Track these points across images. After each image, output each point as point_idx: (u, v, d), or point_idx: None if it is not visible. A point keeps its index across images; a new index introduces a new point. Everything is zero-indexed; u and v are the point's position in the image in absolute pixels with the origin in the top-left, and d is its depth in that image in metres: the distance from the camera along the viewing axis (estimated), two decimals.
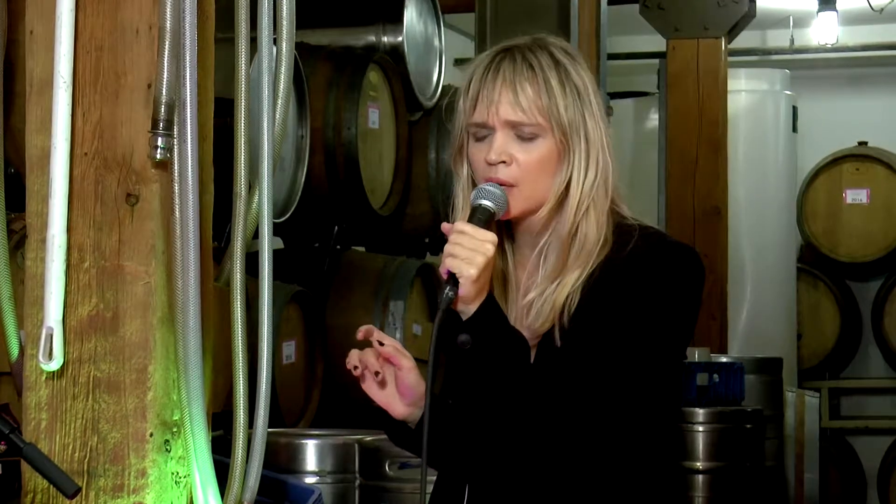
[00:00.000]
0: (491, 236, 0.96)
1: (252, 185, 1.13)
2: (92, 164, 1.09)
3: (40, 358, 1.06)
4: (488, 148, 0.98)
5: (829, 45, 4.01)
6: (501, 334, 0.97)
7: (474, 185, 1.00)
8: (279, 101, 1.14)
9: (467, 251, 0.95)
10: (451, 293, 0.95)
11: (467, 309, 0.96)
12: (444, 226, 0.98)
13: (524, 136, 0.98)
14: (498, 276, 1.00)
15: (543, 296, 0.97)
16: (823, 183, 4.10)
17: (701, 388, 2.27)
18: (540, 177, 0.98)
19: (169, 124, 1.06)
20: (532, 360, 0.98)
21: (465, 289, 0.95)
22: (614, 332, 0.96)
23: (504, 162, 0.98)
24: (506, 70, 0.98)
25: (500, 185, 0.98)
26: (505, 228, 1.01)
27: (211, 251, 1.12)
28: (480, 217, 0.97)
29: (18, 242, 1.30)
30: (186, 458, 1.07)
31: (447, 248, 0.96)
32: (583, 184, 0.98)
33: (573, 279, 0.97)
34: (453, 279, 0.95)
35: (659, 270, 0.97)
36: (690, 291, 0.99)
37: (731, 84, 3.45)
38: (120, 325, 1.07)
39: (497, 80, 0.98)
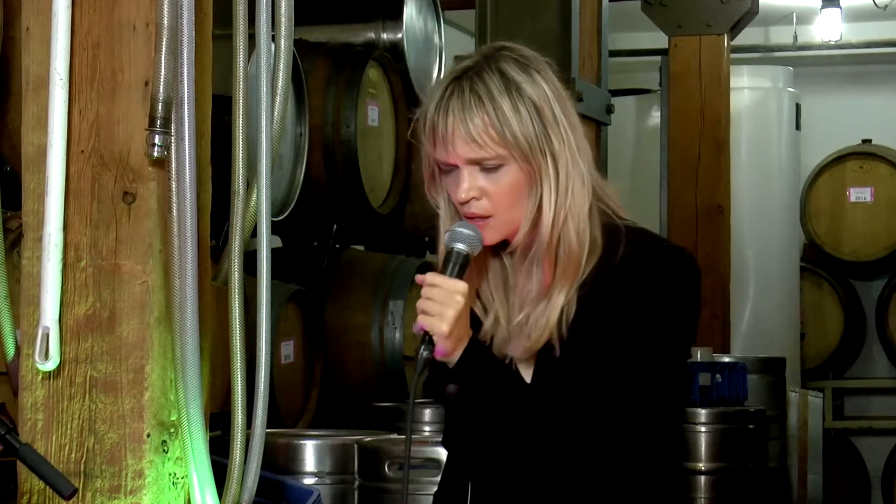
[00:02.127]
0: (461, 286, 0.95)
1: (250, 184, 1.12)
2: (88, 162, 1.08)
3: (36, 358, 1.06)
4: (457, 184, 0.98)
5: (833, 42, 3.99)
6: (489, 377, 0.96)
7: (456, 210, 0.99)
8: (277, 99, 1.13)
9: (438, 306, 0.95)
10: (425, 353, 0.94)
11: (450, 360, 0.96)
12: (418, 278, 0.97)
13: (488, 167, 0.97)
14: (499, 289, 0.99)
15: (535, 312, 0.97)
16: (827, 181, 4.09)
17: (703, 388, 2.26)
18: (514, 204, 0.97)
19: (166, 122, 1.05)
20: (532, 373, 0.97)
21: (440, 344, 0.95)
22: (616, 341, 0.95)
23: (474, 198, 0.97)
24: (454, 105, 0.96)
25: (477, 218, 0.97)
26: (504, 249, 1.00)
27: (209, 250, 1.12)
28: (455, 262, 0.97)
29: (15, 241, 1.29)
30: (184, 459, 1.07)
31: (419, 304, 0.96)
32: (555, 201, 0.96)
33: (564, 293, 0.96)
34: (429, 337, 0.95)
35: (655, 277, 0.96)
36: (688, 295, 0.98)
37: (734, 81, 3.43)
38: (117, 325, 1.06)
39: (448, 118, 0.96)
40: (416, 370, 0.94)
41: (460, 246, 0.97)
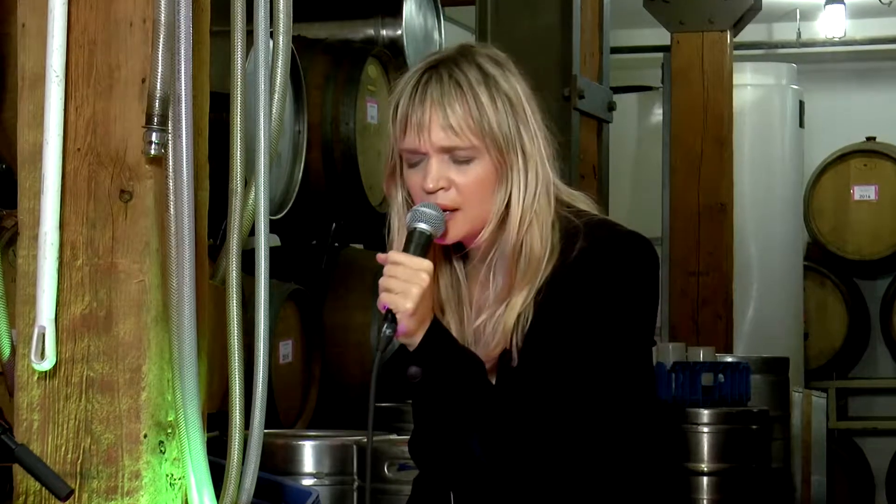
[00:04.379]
0: (426, 264, 0.93)
1: (248, 182, 1.11)
2: (85, 160, 1.07)
3: (32, 357, 1.05)
4: (424, 174, 0.95)
5: (837, 39, 3.98)
6: (452, 360, 0.94)
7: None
8: (276, 96, 1.12)
9: (402, 283, 0.92)
10: (388, 331, 0.92)
11: (412, 341, 0.94)
12: (379, 256, 0.96)
13: (459, 159, 0.95)
14: (452, 295, 0.98)
15: (494, 317, 0.95)
16: (831, 179, 4.08)
17: (706, 389, 2.25)
18: (482, 198, 0.95)
19: (163, 119, 1.04)
20: (494, 383, 0.95)
21: (404, 323, 0.93)
22: (571, 339, 0.93)
23: (443, 188, 0.95)
24: (433, 91, 0.94)
25: (443, 210, 0.95)
26: (454, 246, 0.98)
27: (206, 249, 1.11)
28: (418, 242, 0.94)
29: (11, 239, 1.28)
30: (181, 460, 1.06)
31: (381, 282, 0.94)
32: (523, 199, 0.95)
33: (522, 298, 0.94)
34: (391, 315, 0.93)
35: (606, 266, 0.94)
36: (642, 280, 0.95)
37: (737, 78, 3.43)
38: (113, 324, 1.05)
39: (425, 103, 0.94)
40: (379, 348, 0.92)
41: (423, 226, 0.94)
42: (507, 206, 0.95)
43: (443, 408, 0.95)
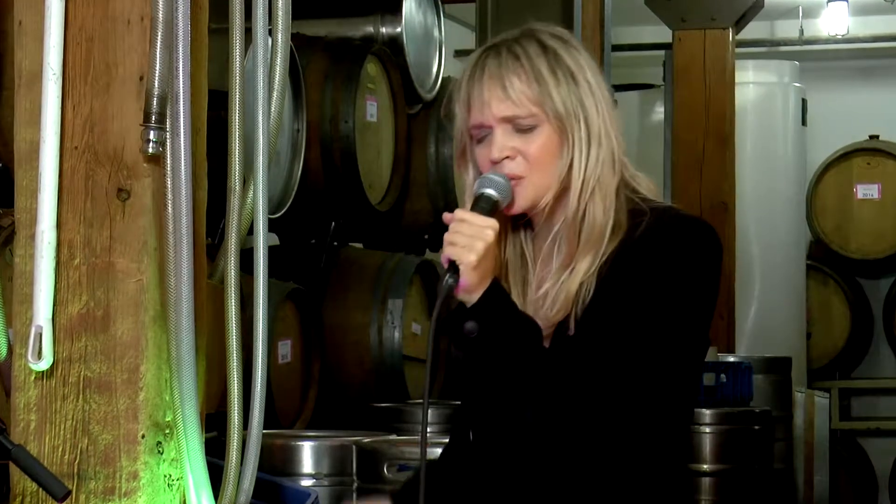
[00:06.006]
0: (491, 222, 0.95)
1: (247, 180, 1.11)
2: (82, 159, 1.06)
3: (29, 357, 1.04)
4: (490, 146, 0.98)
5: (840, 37, 3.97)
6: (509, 319, 0.95)
7: None
8: (274, 94, 1.11)
9: (466, 238, 0.94)
10: (451, 280, 0.93)
11: (471, 297, 0.95)
12: (446, 216, 0.97)
13: (522, 128, 0.97)
14: (518, 274, 0.99)
15: (558, 284, 0.96)
16: (833, 178, 4.07)
17: (708, 389, 2.24)
18: (548, 165, 0.97)
19: (161, 117, 1.04)
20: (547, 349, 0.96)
21: (465, 276, 0.94)
22: (629, 314, 0.94)
23: (508, 157, 0.97)
24: (491, 66, 0.97)
25: (511, 179, 0.97)
26: (522, 221, 1.00)
27: (204, 248, 1.10)
28: (483, 206, 0.96)
29: (7, 238, 1.27)
30: (179, 461, 1.05)
31: (447, 236, 0.96)
32: (585, 167, 0.96)
33: (586, 266, 0.96)
34: (454, 267, 0.94)
35: (671, 247, 0.95)
36: (705, 266, 0.96)
37: (739, 76, 3.42)
38: (111, 324, 1.05)
39: (484, 78, 0.97)
40: (440, 295, 0.93)
41: (489, 191, 0.96)
42: (569, 173, 0.96)
43: (495, 365, 0.95)
